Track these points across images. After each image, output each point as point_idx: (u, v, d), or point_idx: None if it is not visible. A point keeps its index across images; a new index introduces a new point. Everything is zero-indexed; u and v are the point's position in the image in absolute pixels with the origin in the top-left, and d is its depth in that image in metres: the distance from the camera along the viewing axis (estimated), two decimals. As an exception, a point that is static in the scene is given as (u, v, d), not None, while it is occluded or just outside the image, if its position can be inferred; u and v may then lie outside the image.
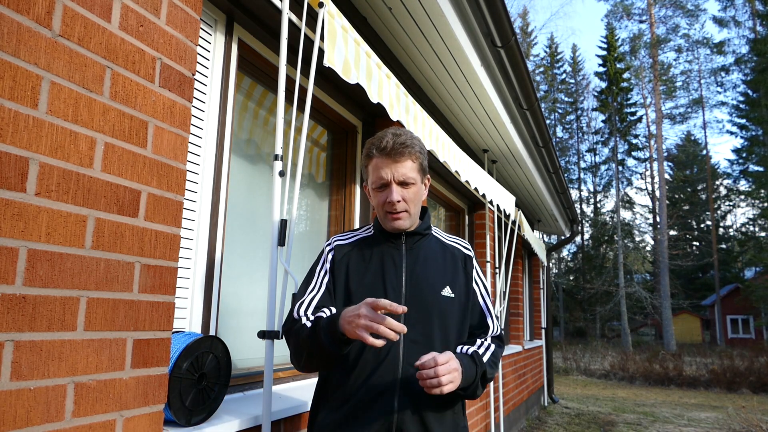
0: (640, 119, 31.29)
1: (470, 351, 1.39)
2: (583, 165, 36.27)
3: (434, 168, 4.11)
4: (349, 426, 1.31)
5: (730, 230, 35.92)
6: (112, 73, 1.21)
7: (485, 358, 1.39)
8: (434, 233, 1.56)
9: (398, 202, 1.38)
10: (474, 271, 1.53)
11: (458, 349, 1.41)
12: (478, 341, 1.45)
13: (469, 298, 1.48)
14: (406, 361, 1.33)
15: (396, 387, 1.32)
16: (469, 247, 1.58)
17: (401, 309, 1.12)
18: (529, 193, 6.40)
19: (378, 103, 2.17)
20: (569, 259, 36.92)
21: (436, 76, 3.32)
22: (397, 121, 2.26)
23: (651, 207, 33.21)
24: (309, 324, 1.32)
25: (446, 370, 1.19)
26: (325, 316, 1.30)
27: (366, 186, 1.50)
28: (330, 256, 1.48)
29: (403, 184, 1.40)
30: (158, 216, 1.30)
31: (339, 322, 1.21)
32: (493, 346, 1.45)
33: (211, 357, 1.55)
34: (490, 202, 4.83)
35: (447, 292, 1.43)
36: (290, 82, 2.32)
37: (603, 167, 34.95)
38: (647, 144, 31.04)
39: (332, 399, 1.37)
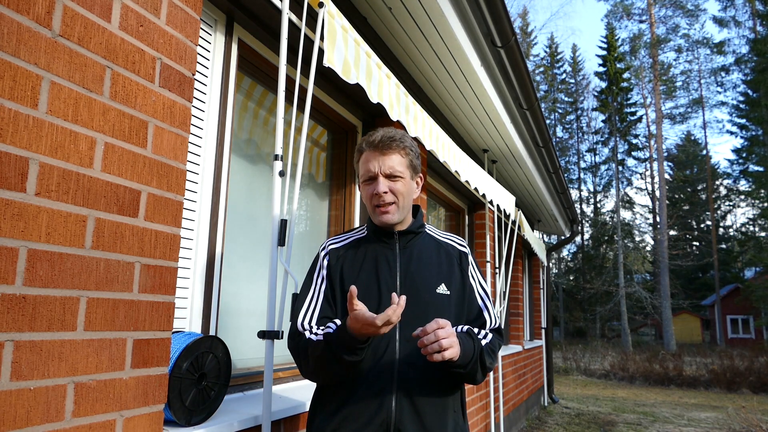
0: (640, 119, 31.29)
1: (465, 329, 1.38)
2: (583, 165, 36.31)
3: (434, 168, 4.12)
4: (347, 426, 1.31)
5: (730, 230, 35.93)
6: (112, 73, 1.21)
7: (483, 342, 1.38)
8: (428, 231, 1.56)
9: (385, 193, 1.39)
10: (470, 266, 1.53)
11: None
12: (475, 330, 1.44)
13: (465, 295, 1.48)
14: (402, 359, 1.33)
15: (393, 385, 1.32)
16: (464, 244, 1.58)
17: (401, 300, 1.15)
18: (529, 193, 6.40)
19: (378, 103, 2.17)
20: (569, 259, 36.93)
21: (436, 76, 3.32)
22: (397, 121, 2.26)
23: (651, 207, 33.21)
24: (316, 338, 1.30)
25: (446, 333, 1.19)
26: (332, 330, 1.28)
27: (359, 184, 1.51)
28: (326, 262, 1.47)
29: (391, 177, 1.40)
30: (158, 216, 1.30)
31: (350, 332, 1.21)
32: (491, 335, 1.44)
33: (211, 357, 1.55)
34: (490, 202, 4.83)
35: (442, 289, 1.43)
36: (290, 82, 2.32)
37: (603, 167, 34.98)
38: (647, 144, 31.05)
39: (330, 400, 1.37)
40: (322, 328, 1.35)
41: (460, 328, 1.39)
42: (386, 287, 1.39)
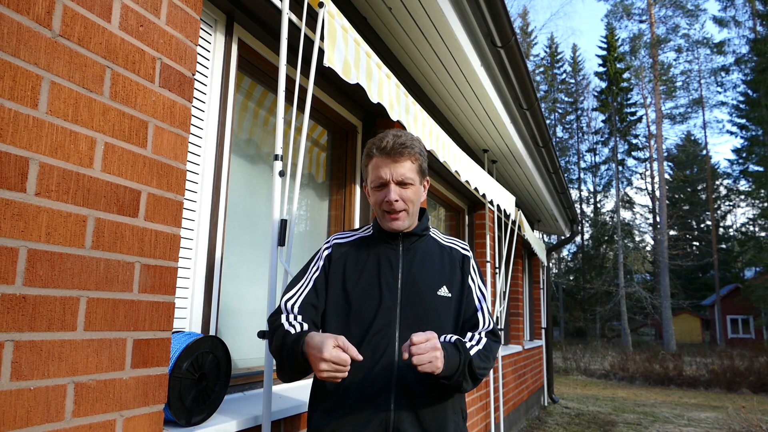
0: (640, 119, 31.28)
1: (453, 339, 1.35)
2: (583, 165, 36.29)
3: (434, 168, 4.11)
4: (346, 427, 1.31)
5: (730, 230, 35.90)
6: (112, 73, 1.21)
7: (473, 351, 1.35)
8: (432, 234, 1.56)
9: (396, 201, 1.39)
10: (470, 269, 1.53)
11: (441, 338, 1.37)
12: (468, 335, 1.43)
13: (464, 296, 1.48)
14: (401, 361, 1.33)
15: (392, 387, 1.32)
16: (467, 248, 1.58)
17: (360, 358, 1.16)
18: (529, 193, 6.40)
19: (378, 103, 2.17)
20: (569, 259, 36.92)
21: (436, 76, 3.32)
22: (397, 121, 2.26)
23: (651, 207, 33.19)
24: (286, 327, 1.32)
25: (421, 350, 1.17)
26: (296, 330, 1.29)
27: (366, 186, 1.51)
28: (326, 253, 1.48)
29: (402, 184, 1.40)
30: (158, 216, 1.30)
31: (304, 348, 1.21)
32: (484, 340, 1.41)
33: (211, 357, 1.55)
34: (490, 202, 4.82)
35: (443, 292, 1.43)
36: (290, 82, 2.32)
37: (603, 167, 34.95)
38: (647, 144, 31.04)
39: (328, 401, 1.37)
40: (300, 318, 1.36)
41: (449, 337, 1.36)
42: (387, 288, 1.39)
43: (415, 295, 1.39)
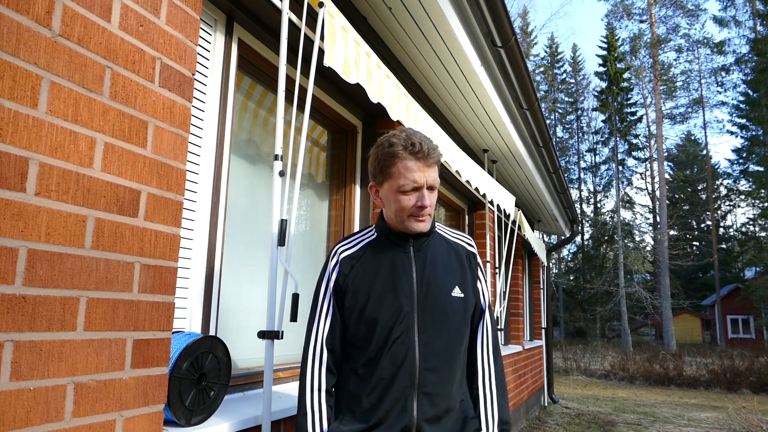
0: (640, 119, 31.29)
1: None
2: (583, 165, 36.32)
3: (434, 168, 4.11)
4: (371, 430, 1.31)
5: (730, 230, 35.92)
6: (112, 73, 1.21)
7: (504, 408, 1.47)
8: (438, 230, 1.56)
9: (429, 206, 1.39)
10: (478, 269, 1.54)
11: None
12: (487, 411, 1.47)
13: (475, 298, 1.49)
14: (422, 365, 1.33)
15: (415, 390, 1.32)
16: (472, 243, 1.58)
17: None
18: (529, 193, 6.40)
19: (378, 103, 2.17)
20: (569, 259, 36.92)
21: (436, 76, 3.32)
22: (397, 121, 2.26)
23: (651, 207, 33.20)
24: (308, 419, 1.34)
25: None
26: None
27: (375, 185, 1.46)
28: (335, 275, 1.44)
29: (431, 188, 1.40)
30: (158, 216, 1.30)
31: None
32: (498, 378, 1.50)
33: (211, 357, 1.55)
34: (491, 202, 4.83)
35: (457, 292, 1.43)
36: (290, 82, 2.32)
37: (603, 167, 34.99)
38: (647, 144, 31.05)
39: (349, 407, 1.36)
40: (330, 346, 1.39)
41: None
42: (403, 293, 1.38)
43: (431, 298, 1.39)
